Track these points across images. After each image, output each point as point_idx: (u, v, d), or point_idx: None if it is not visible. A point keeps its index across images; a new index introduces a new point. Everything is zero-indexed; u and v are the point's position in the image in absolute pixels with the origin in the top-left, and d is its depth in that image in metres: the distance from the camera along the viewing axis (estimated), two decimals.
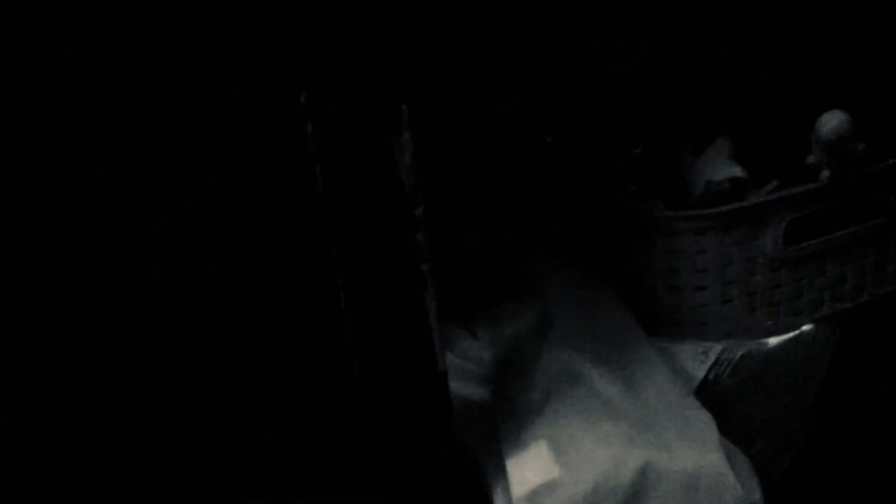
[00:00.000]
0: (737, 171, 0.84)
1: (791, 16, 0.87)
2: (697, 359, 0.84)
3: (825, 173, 0.83)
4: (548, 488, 0.70)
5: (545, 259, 0.94)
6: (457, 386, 0.81)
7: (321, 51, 0.56)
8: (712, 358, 0.84)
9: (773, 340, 0.85)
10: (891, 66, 0.87)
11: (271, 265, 0.60)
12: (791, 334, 0.86)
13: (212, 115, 0.55)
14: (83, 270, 0.57)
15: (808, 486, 0.81)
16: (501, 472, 0.72)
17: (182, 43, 0.54)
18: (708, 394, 0.82)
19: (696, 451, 0.72)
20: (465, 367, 0.84)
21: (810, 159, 0.83)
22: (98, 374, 0.60)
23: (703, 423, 0.75)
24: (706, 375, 0.83)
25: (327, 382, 0.62)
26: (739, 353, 0.84)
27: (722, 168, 0.85)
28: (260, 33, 0.55)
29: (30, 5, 0.52)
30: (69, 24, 0.53)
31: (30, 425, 0.60)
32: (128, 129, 0.55)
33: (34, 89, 0.54)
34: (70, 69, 0.53)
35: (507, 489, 0.71)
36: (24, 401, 0.59)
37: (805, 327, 0.86)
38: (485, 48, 0.89)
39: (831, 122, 0.74)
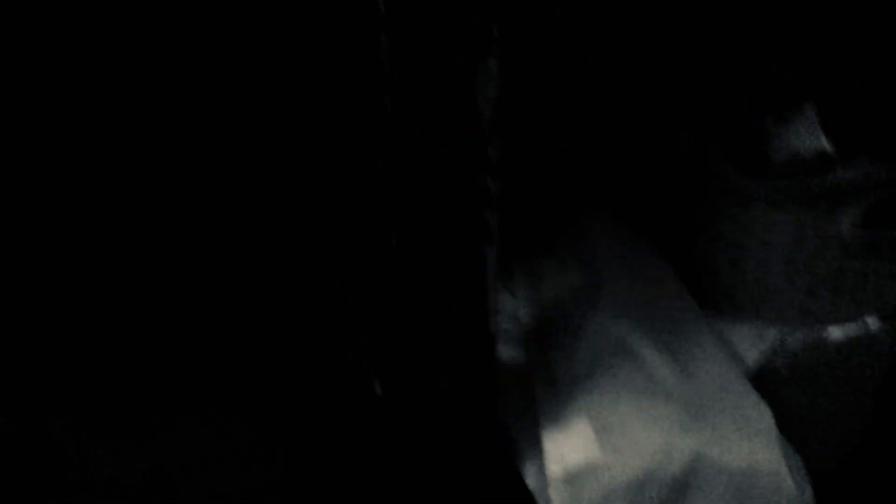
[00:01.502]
0: (824, 144, 0.76)
1: None
2: (753, 343, 0.77)
3: None
4: (588, 471, 0.63)
5: (593, 215, 0.86)
6: None
7: None
8: (768, 343, 0.77)
9: (834, 332, 0.78)
10: None
11: (323, 194, 0.52)
12: (854, 328, 0.79)
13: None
14: None
15: (860, 489, 0.75)
16: (536, 445, 0.66)
17: None
18: (761, 382, 0.75)
19: (751, 445, 0.66)
20: (500, 326, 0.77)
21: None
22: None
23: (760, 414, 0.68)
24: (761, 362, 0.76)
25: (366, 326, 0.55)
26: (798, 342, 0.77)
27: (808, 139, 0.76)
28: None
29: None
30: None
31: None
32: None
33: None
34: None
35: (541, 466, 0.65)
36: None
37: (870, 322, 0.79)
38: None
39: None
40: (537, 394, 0.70)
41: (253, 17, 0.49)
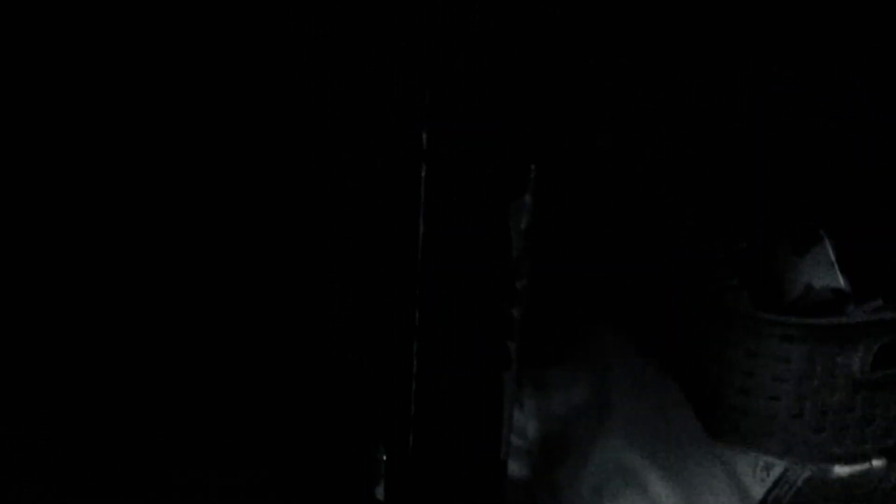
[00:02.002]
0: (840, 282, 0.77)
1: None
2: (758, 475, 0.77)
3: None
4: None
5: (606, 328, 0.86)
6: None
7: (451, 87, 0.48)
8: (774, 477, 0.77)
9: (840, 469, 0.78)
10: None
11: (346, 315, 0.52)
12: (860, 466, 0.78)
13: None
14: None
15: None
16: None
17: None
18: None
19: None
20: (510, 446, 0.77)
21: None
22: None
23: None
24: (766, 496, 0.76)
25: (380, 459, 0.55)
26: (803, 478, 0.77)
27: (824, 275, 0.77)
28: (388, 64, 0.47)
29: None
30: None
31: None
32: None
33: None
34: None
35: None
36: None
37: (875, 462, 0.79)
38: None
39: None
40: None
41: (303, 145, 0.50)
